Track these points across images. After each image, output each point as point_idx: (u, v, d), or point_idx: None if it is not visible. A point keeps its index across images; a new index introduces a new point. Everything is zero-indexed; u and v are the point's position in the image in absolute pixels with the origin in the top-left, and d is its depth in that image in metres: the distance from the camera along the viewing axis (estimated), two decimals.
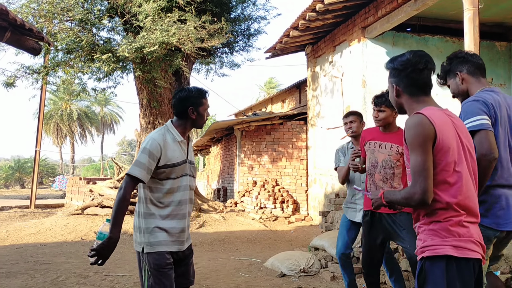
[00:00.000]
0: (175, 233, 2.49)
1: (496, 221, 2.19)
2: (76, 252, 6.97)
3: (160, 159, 2.42)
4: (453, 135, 1.79)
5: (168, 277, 2.43)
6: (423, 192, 1.73)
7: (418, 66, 1.87)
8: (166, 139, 2.48)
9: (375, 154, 3.40)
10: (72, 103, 40.81)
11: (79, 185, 14.24)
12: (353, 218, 3.98)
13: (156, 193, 2.46)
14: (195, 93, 2.57)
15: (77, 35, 8.36)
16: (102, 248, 2.27)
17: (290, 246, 7.49)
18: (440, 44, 8.30)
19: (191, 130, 2.68)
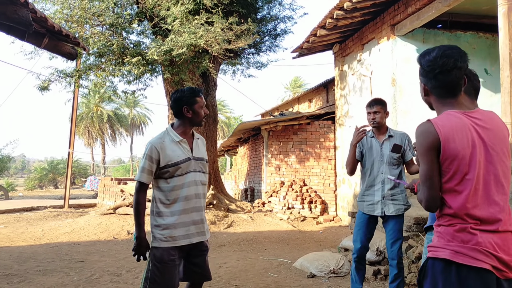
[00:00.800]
0: (183, 228, 2.69)
1: None
2: (109, 251, 7.14)
3: (160, 160, 2.65)
4: (466, 142, 1.72)
5: (169, 271, 2.64)
6: (426, 201, 1.77)
7: (445, 67, 1.77)
8: (164, 141, 2.71)
9: None
10: (102, 105, 41.87)
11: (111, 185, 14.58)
12: (371, 212, 3.79)
13: (164, 192, 2.69)
14: (187, 92, 2.76)
15: (108, 39, 8.56)
16: (135, 247, 2.67)
17: (319, 246, 7.45)
18: (472, 41, 8.07)
19: (191, 128, 2.85)
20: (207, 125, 11.39)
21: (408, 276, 4.56)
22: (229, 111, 47.84)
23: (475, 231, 1.70)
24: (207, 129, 11.45)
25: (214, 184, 11.11)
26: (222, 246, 7.62)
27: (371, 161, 3.81)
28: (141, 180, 2.65)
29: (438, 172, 1.75)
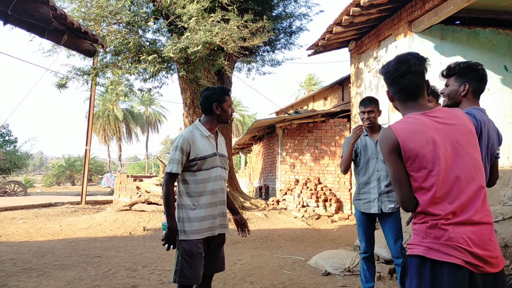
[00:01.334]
0: (208, 221, 2.78)
1: None
2: (125, 247, 7.22)
3: (190, 153, 2.74)
4: (426, 140, 1.78)
5: (197, 263, 2.72)
6: (401, 201, 1.84)
7: (399, 72, 1.89)
8: (195, 135, 2.80)
9: None
10: (118, 104, 42.35)
11: (127, 182, 14.73)
12: (368, 210, 3.82)
13: (190, 185, 2.77)
14: (218, 90, 2.89)
15: (124, 37, 8.64)
16: (167, 237, 2.72)
17: (333, 245, 7.41)
18: (492, 37, 7.91)
19: (217, 125, 2.96)
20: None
21: None
22: (243, 109, 47.91)
23: (447, 226, 1.72)
24: (222, 127, 11.48)
25: (229, 182, 11.14)
26: (237, 243, 7.64)
27: (367, 159, 3.84)
28: (173, 171, 2.71)
29: (405, 172, 1.82)
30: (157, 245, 7.36)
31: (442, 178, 1.76)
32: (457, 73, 2.48)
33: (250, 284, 4.76)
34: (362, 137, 3.90)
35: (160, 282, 4.89)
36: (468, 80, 2.44)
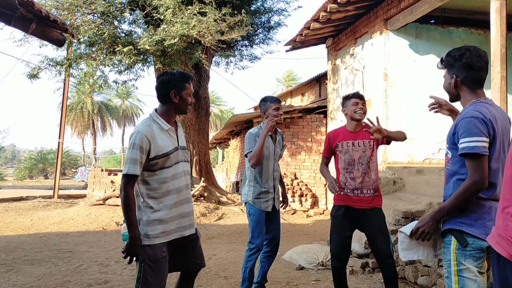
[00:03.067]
0: (174, 222, 2.53)
1: (486, 231, 2.05)
2: (98, 242, 7.11)
3: (150, 151, 2.43)
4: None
5: (162, 269, 2.49)
6: None
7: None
8: (153, 130, 2.48)
9: (350, 153, 3.56)
10: (93, 96, 41.52)
11: (101, 176, 14.49)
12: (267, 208, 3.85)
13: (152, 185, 2.48)
14: (177, 76, 2.55)
15: (99, 27, 8.46)
16: (128, 248, 2.38)
17: (308, 239, 7.47)
18: (465, 36, 8.10)
19: (176, 116, 2.66)
20: (199, 117, 11.33)
21: None
22: (222, 103, 47.72)
23: None
24: (199, 121, 11.40)
25: (206, 177, 11.09)
26: (212, 238, 7.62)
27: (267, 159, 3.82)
28: (132, 172, 2.38)
29: None
30: None
31: None
32: (445, 64, 2.29)
33: (224, 279, 4.76)
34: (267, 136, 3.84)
35: (133, 277, 4.82)
36: (455, 71, 2.22)
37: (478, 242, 2.08)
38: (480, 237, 2.07)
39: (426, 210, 5.33)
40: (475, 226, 2.09)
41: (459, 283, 2.09)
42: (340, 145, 3.61)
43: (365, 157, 3.53)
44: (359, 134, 3.59)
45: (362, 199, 3.53)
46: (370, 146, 3.53)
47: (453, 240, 2.13)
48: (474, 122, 2.05)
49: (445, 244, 2.20)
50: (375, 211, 3.51)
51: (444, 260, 2.18)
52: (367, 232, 3.51)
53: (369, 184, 3.53)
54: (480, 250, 2.08)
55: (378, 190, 3.58)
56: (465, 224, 2.10)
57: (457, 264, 2.11)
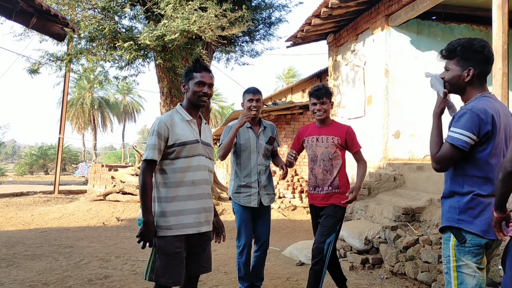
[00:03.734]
0: (192, 215, 2.47)
1: (484, 228, 2.09)
2: (98, 237, 7.12)
3: (169, 138, 2.45)
4: None
5: (174, 264, 2.42)
6: None
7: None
8: (174, 118, 2.53)
9: (314, 148, 3.50)
10: (94, 91, 41.50)
11: (101, 172, 14.50)
12: (248, 203, 3.72)
13: (168, 174, 2.47)
14: (189, 67, 2.61)
15: (99, 23, 8.43)
16: (142, 233, 2.39)
17: (308, 235, 7.48)
18: (466, 33, 8.07)
19: (196, 110, 2.64)
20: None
21: (395, 266, 4.60)
22: (223, 100, 47.66)
23: None
24: None
25: None
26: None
27: (248, 153, 3.73)
28: (151, 157, 2.40)
29: None
30: (131, 236, 7.28)
31: None
32: (459, 55, 2.17)
33: (224, 274, 4.77)
34: (245, 128, 3.77)
35: (133, 272, 4.84)
36: (472, 64, 2.14)
37: (476, 239, 2.09)
38: (479, 234, 2.09)
39: (427, 207, 5.34)
40: (474, 223, 2.10)
41: (458, 278, 2.11)
42: (306, 140, 3.58)
43: (327, 153, 3.45)
44: (325, 129, 3.53)
45: (321, 196, 3.47)
46: (333, 143, 3.45)
47: (452, 237, 2.15)
48: (471, 116, 2.05)
49: (444, 241, 2.22)
50: (330, 208, 3.43)
51: (444, 256, 2.20)
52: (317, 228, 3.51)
53: (330, 181, 3.44)
54: (479, 247, 2.10)
55: (340, 188, 3.47)
56: (464, 221, 2.11)
57: (456, 260, 2.13)
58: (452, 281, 2.13)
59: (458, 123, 2.07)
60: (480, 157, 2.09)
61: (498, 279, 3.52)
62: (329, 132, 3.50)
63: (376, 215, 6.02)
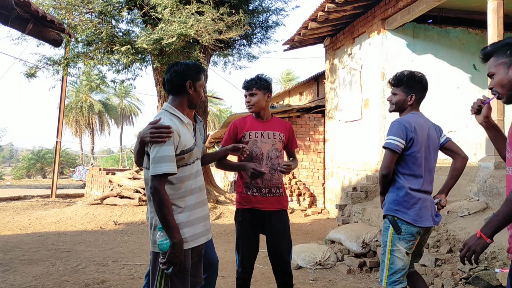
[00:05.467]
0: (201, 223, 2.31)
1: (415, 218, 2.62)
2: (96, 241, 7.11)
3: (178, 146, 2.21)
4: None
5: (187, 280, 2.23)
6: None
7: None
8: (176, 124, 2.27)
9: (258, 145, 3.07)
10: (92, 95, 41.47)
11: (99, 175, 14.46)
12: None
13: (176, 184, 2.23)
14: (193, 66, 2.37)
15: (96, 27, 8.45)
16: (172, 256, 2.10)
17: (306, 238, 7.48)
18: (462, 36, 8.11)
19: (188, 110, 2.45)
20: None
21: None
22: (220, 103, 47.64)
23: None
24: None
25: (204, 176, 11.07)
26: None
27: None
28: (172, 171, 2.12)
29: None
30: (129, 240, 7.27)
31: None
32: (405, 84, 2.76)
33: (222, 278, 4.77)
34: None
35: (131, 277, 4.83)
36: (414, 91, 2.75)
37: (409, 228, 2.63)
38: (411, 222, 2.62)
39: None
40: (407, 213, 2.63)
41: (390, 260, 2.66)
42: (248, 135, 3.09)
43: (274, 151, 3.09)
44: (269, 124, 3.16)
45: (269, 199, 3.08)
46: (280, 140, 3.12)
47: (391, 227, 2.66)
48: (399, 125, 2.65)
49: (384, 229, 2.73)
50: (281, 214, 3.12)
51: (382, 240, 2.74)
52: (271, 237, 3.10)
53: (277, 182, 3.10)
54: (411, 235, 2.64)
55: (284, 189, 3.19)
56: (399, 211, 2.65)
57: (391, 245, 2.66)
58: (386, 260, 2.67)
59: (391, 132, 2.65)
60: (408, 158, 2.64)
61: (494, 282, 3.53)
62: (274, 127, 3.14)
63: (373, 218, 6.04)
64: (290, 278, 3.13)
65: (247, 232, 3.12)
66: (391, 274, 2.64)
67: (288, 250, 3.12)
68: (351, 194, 7.57)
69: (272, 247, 3.11)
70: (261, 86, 3.12)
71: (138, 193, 9.69)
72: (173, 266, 2.11)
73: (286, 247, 3.10)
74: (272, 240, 3.10)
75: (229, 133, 3.16)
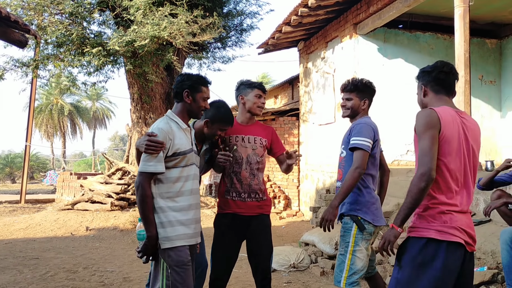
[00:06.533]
0: (192, 225, 2.44)
1: (373, 217, 2.72)
2: (66, 248, 6.92)
3: (169, 149, 2.38)
4: (457, 133, 2.06)
5: (190, 274, 2.37)
6: (429, 169, 1.97)
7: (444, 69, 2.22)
8: (172, 127, 2.45)
9: (239, 149, 3.05)
10: (63, 97, 40.50)
11: (70, 180, 14.12)
12: None
13: (166, 184, 2.40)
14: (195, 77, 2.57)
15: (67, 28, 8.27)
16: (145, 248, 2.35)
17: (281, 241, 7.50)
18: (431, 41, 8.33)
19: (189, 118, 2.59)
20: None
21: None
22: None
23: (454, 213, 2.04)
24: None
25: None
26: None
27: None
28: (160, 170, 2.32)
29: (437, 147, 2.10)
30: (100, 246, 7.12)
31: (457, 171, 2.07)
32: (360, 89, 2.92)
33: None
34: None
35: (101, 283, 4.73)
36: (367, 96, 2.95)
37: (370, 227, 2.71)
38: (372, 222, 2.70)
39: (394, 211, 5.45)
40: (368, 213, 2.71)
41: (352, 260, 2.66)
42: (228, 139, 3.07)
43: (254, 156, 3.05)
44: (251, 128, 3.12)
45: (249, 204, 3.03)
46: (261, 145, 3.09)
47: (354, 226, 2.70)
48: (368, 128, 2.75)
49: (345, 229, 2.75)
50: (262, 219, 3.08)
51: (343, 241, 2.73)
52: (252, 243, 3.08)
53: (257, 187, 3.05)
54: (370, 234, 2.71)
55: (267, 194, 3.16)
56: (361, 210, 2.71)
57: (354, 245, 2.68)
58: (346, 261, 2.67)
59: (360, 133, 2.72)
60: (370, 159, 2.75)
61: None
62: (256, 132, 3.10)
63: None
64: (268, 282, 3.11)
65: (223, 238, 3.07)
66: (351, 275, 2.65)
67: (267, 255, 3.09)
68: (325, 197, 7.64)
69: (252, 251, 3.10)
70: None
71: (110, 198, 9.50)
72: (145, 256, 2.36)
73: (266, 251, 3.08)
74: (252, 244, 3.08)
75: None
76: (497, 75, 8.68)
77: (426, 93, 2.27)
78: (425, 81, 2.27)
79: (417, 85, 2.34)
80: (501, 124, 8.55)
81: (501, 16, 8.01)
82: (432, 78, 2.23)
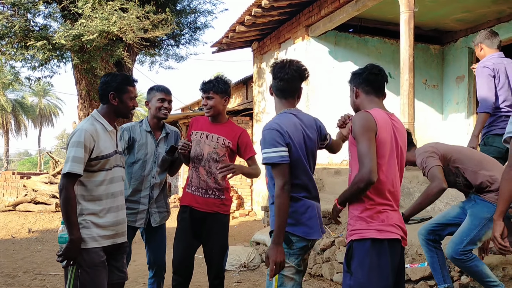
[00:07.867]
0: (110, 227, 2.45)
1: (305, 230, 2.25)
2: (6, 251, 6.56)
3: (93, 151, 2.36)
4: (389, 135, 2.15)
5: (100, 275, 2.38)
6: (370, 171, 2.01)
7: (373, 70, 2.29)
8: (97, 129, 2.43)
9: (201, 145, 3.06)
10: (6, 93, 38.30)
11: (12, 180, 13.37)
12: (133, 223, 3.16)
13: (88, 186, 2.39)
14: (119, 78, 2.52)
15: (8, 19, 7.81)
16: (67, 251, 2.29)
17: (233, 241, 7.49)
18: (379, 45, 8.63)
19: (117, 119, 2.58)
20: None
21: (313, 268, 4.76)
22: None
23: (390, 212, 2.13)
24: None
25: None
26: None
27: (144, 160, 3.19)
28: (77, 171, 2.27)
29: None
30: (43, 248, 6.80)
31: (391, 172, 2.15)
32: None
33: (143, 286, 4.63)
34: (143, 132, 3.24)
35: None
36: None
37: (300, 242, 2.24)
38: (302, 236, 2.24)
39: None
40: (297, 226, 2.24)
41: (279, 280, 2.20)
42: (194, 134, 3.12)
43: (214, 154, 3.03)
44: (217, 127, 3.10)
45: (206, 200, 3.04)
46: (223, 145, 3.05)
47: None
48: (272, 134, 2.21)
49: None
50: (219, 218, 3.08)
51: None
52: (204, 239, 3.09)
53: (214, 185, 3.05)
54: (300, 249, 2.25)
55: (226, 195, 3.14)
56: (289, 224, 2.19)
57: None
58: (274, 282, 2.20)
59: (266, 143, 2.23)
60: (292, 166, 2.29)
61: None
62: (221, 132, 3.08)
63: None
64: (220, 282, 3.11)
65: (180, 228, 3.11)
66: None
67: (221, 254, 3.09)
68: None
69: (205, 249, 3.12)
70: (218, 89, 3.07)
71: (55, 198, 9.11)
72: (67, 260, 2.29)
73: (219, 250, 3.08)
74: (206, 242, 3.10)
75: (188, 128, 3.33)
76: (440, 80, 9.13)
77: (358, 95, 2.34)
78: (356, 83, 2.35)
79: (350, 88, 2.41)
80: (443, 126, 9.01)
81: (443, 24, 8.44)
82: (362, 80, 2.31)
